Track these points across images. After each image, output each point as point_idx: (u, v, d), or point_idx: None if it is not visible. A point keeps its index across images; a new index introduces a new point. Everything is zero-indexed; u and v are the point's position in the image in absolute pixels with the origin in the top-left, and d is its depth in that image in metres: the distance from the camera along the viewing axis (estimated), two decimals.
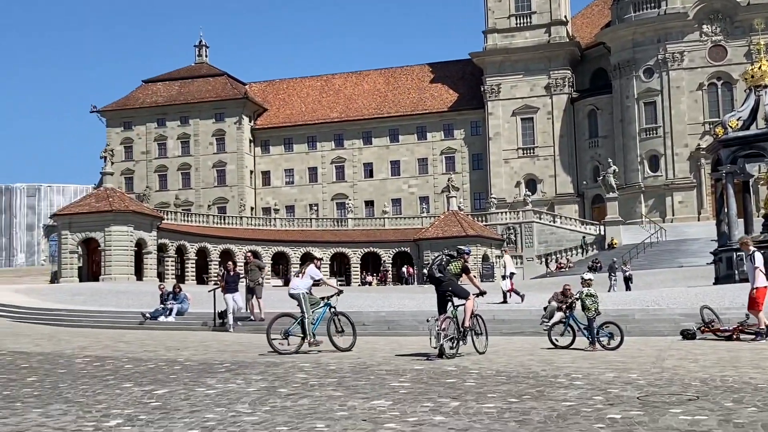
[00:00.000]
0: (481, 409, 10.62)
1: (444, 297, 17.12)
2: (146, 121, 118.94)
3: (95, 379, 15.03)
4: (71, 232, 68.68)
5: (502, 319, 22.61)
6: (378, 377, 14.13)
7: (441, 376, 13.89)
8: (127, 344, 22.82)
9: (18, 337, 25.33)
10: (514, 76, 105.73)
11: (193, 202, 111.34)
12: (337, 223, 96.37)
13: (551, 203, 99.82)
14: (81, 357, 19.02)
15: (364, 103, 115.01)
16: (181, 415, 11.20)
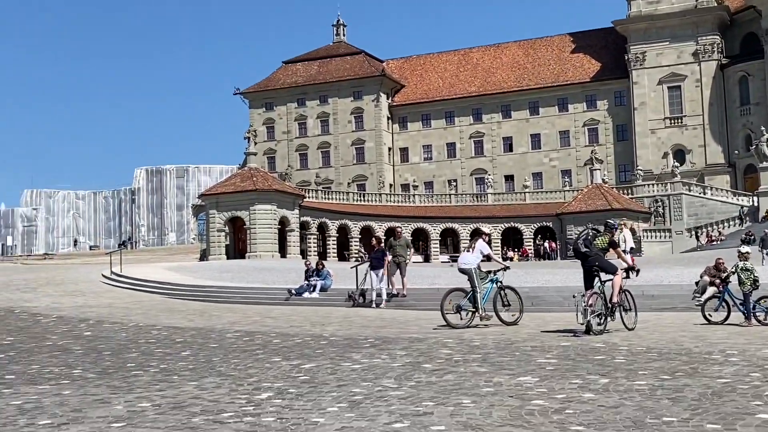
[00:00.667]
0: (632, 386, 10.54)
1: (591, 272, 16.97)
2: (287, 101, 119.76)
3: (245, 354, 15.50)
4: (218, 211, 70.41)
5: (652, 294, 22.15)
6: (524, 354, 14.13)
7: (589, 353, 13.80)
8: (274, 319, 23.50)
9: (172, 313, 26.34)
10: (660, 43, 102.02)
11: (333, 180, 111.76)
12: (476, 199, 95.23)
13: (701, 174, 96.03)
14: (231, 332, 19.57)
15: (503, 76, 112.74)
16: (328, 389, 11.50)
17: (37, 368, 14.64)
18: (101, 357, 15.73)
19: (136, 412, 10.20)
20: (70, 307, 27.68)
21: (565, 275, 29.38)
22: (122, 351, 16.41)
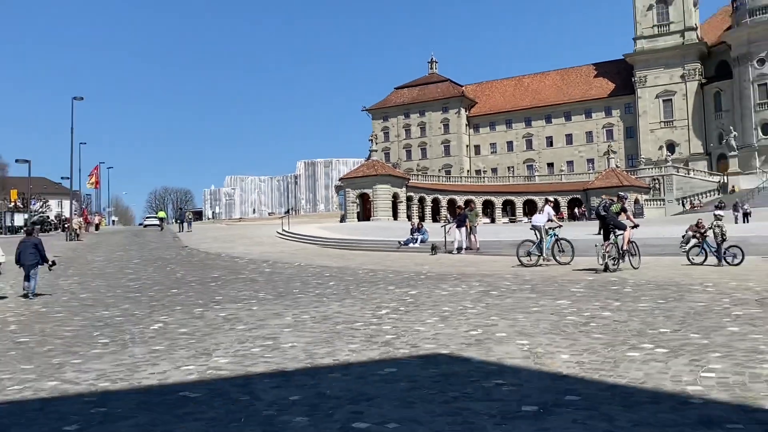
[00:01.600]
0: (636, 307, 10.88)
1: (608, 229, 17.60)
2: (397, 115, 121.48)
3: (371, 284, 16.03)
4: (352, 189, 72.01)
5: (651, 244, 22.10)
6: (561, 285, 14.43)
7: (606, 285, 14.05)
8: (390, 261, 23.55)
9: (321, 257, 26.55)
10: (657, 69, 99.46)
11: (428, 167, 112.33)
12: (527, 179, 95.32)
13: (686, 161, 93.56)
14: (361, 269, 20.03)
15: (546, 94, 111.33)
16: (426, 307, 12.03)
17: (235, 293, 15.43)
18: (276, 285, 16.47)
19: (300, 321, 10.87)
20: (256, 253, 28.55)
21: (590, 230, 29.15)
22: (290, 281, 17.11)
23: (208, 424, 5.68)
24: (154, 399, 6.51)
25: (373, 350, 8.34)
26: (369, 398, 6.19)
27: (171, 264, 23.75)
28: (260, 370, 7.56)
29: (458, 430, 5.28)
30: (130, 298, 14.88)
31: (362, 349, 8.42)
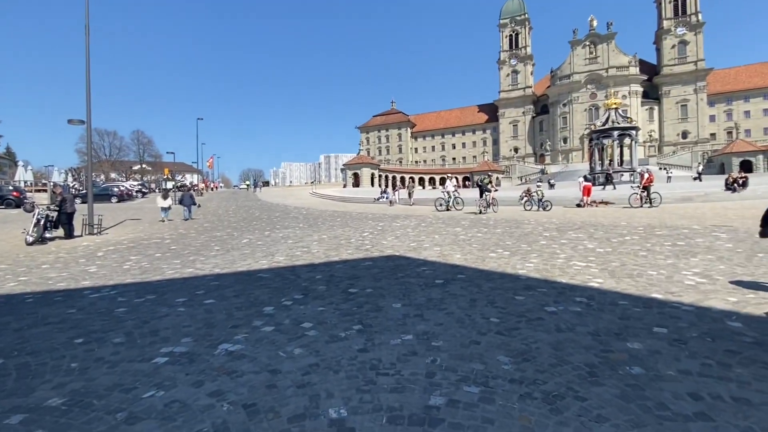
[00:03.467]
0: (495, 231, 11.04)
1: (482, 191, 17.53)
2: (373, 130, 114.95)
3: (358, 220, 15.69)
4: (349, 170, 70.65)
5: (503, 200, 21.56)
6: (457, 221, 14.37)
7: (479, 220, 14.07)
8: (369, 209, 22.38)
9: (332, 206, 25.48)
10: (510, 109, 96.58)
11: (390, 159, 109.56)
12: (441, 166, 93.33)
13: (524, 157, 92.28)
14: (354, 212, 19.40)
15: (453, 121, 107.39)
16: (388, 232, 12.01)
17: (286, 223, 15.30)
18: (308, 220, 16.31)
19: (320, 239, 10.87)
20: (297, 204, 28.30)
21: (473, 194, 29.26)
22: (316, 218, 16.93)
23: (273, 290, 5.80)
24: (243, 278, 6.59)
25: (359, 253, 8.47)
26: (357, 277, 6.35)
27: (252, 209, 23.50)
28: (300, 263, 7.65)
29: (403, 291, 5.47)
30: (231, 225, 14.81)
31: (354, 253, 8.54)
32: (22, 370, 3.37)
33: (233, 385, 3.09)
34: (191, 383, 3.12)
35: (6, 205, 25.11)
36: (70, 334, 4.16)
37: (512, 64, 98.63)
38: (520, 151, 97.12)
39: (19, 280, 6.78)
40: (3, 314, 4.89)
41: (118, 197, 31.44)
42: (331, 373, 3.23)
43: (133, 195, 36.59)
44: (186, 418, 2.66)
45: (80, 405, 2.82)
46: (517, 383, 3.04)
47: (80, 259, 8.67)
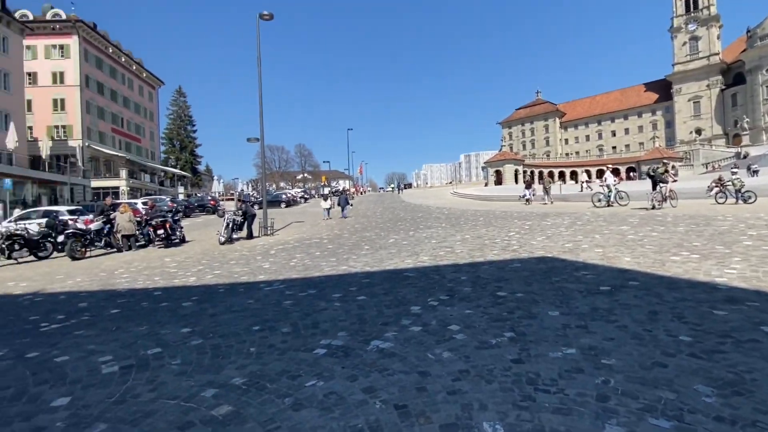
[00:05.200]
0: (676, 230, 9.49)
1: (655, 183, 15.00)
2: (517, 124, 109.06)
3: (503, 219, 15.13)
4: (491, 168, 68.40)
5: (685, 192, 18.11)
6: (622, 218, 12.72)
7: (653, 217, 12.24)
8: (514, 207, 20.94)
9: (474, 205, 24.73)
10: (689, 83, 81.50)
11: (536, 153, 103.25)
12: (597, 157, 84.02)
13: (710, 140, 76.49)
14: (497, 211, 18.68)
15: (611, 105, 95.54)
16: (537, 231, 11.22)
17: (429, 223, 15.24)
18: (450, 220, 16.13)
19: (464, 239, 10.63)
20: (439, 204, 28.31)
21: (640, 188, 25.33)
22: (458, 218, 16.68)
23: (419, 289, 5.82)
24: (391, 276, 6.79)
25: (506, 254, 8.01)
26: (505, 279, 5.97)
27: (396, 210, 24.48)
28: (445, 263, 7.57)
29: (560, 297, 4.93)
30: (378, 226, 15.61)
31: (500, 253, 8.12)
32: (215, 350, 3.99)
33: (385, 383, 3.12)
34: (346, 377, 3.25)
35: (206, 211, 31.18)
36: (249, 322, 4.80)
37: (690, 29, 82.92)
38: (705, 133, 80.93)
39: (214, 273, 8.22)
40: (202, 302, 5.95)
41: (286, 203, 36.23)
42: (483, 383, 3.02)
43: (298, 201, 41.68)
44: (342, 411, 2.76)
45: (256, 386, 3.18)
46: (728, 423, 2.38)
47: (257, 256, 10.12)
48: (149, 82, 58.17)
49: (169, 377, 3.42)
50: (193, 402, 2.98)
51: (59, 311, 5.85)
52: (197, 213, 30.78)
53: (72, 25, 42.42)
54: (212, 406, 2.91)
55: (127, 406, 2.98)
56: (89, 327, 4.98)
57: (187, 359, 3.79)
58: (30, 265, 10.86)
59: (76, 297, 6.75)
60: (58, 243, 12.01)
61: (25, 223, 15.59)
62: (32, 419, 2.86)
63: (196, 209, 31.19)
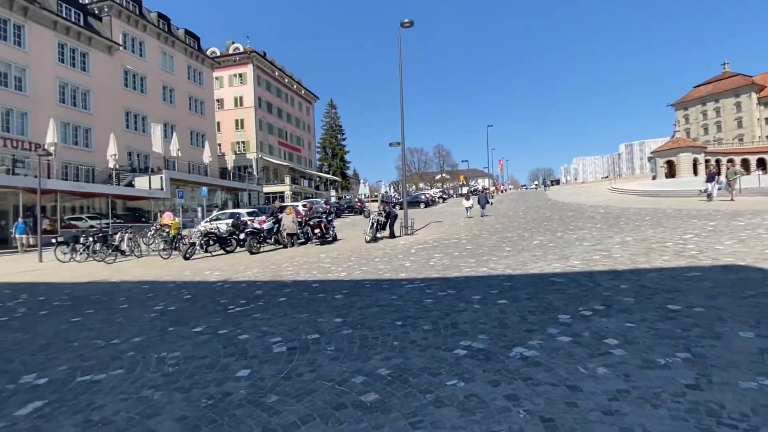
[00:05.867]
0: None
1: None
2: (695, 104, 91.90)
3: (676, 218, 13.00)
4: (660, 158, 58.78)
5: None
6: None
7: None
8: (691, 204, 17.87)
9: (638, 203, 21.75)
10: None
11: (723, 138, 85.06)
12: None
13: None
14: (669, 209, 16.18)
15: None
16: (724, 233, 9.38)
17: (581, 224, 13.92)
18: (607, 220, 14.49)
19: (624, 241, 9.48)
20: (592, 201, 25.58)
21: None
22: (617, 217, 14.79)
23: (568, 296, 5.39)
24: (535, 280, 6.42)
25: (680, 260, 6.85)
26: (678, 291, 5.12)
27: (542, 209, 22.92)
28: (599, 268, 6.84)
29: (756, 316, 4.04)
30: (521, 227, 14.86)
31: (672, 260, 6.97)
32: (363, 341, 4.34)
33: (529, 392, 2.98)
34: (488, 381, 3.20)
35: (354, 212, 33.91)
36: (393, 317, 5.08)
37: None
38: None
39: (362, 269, 8.89)
40: (351, 295, 6.50)
41: (425, 203, 37.10)
42: (648, 407, 2.65)
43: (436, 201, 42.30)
44: (484, 415, 2.73)
45: (400, 379, 3.36)
46: None
47: (399, 255, 10.60)
48: (307, 98, 65.88)
49: (325, 361, 3.84)
50: (345, 386, 3.30)
51: (241, 297, 7.05)
52: (346, 214, 33.69)
53: (248, 55, 50.60)
54: (361, 392, 3.17)
55: (292, 382, 3.45)
56: (263, 311, 5.89)
57: (339, 346, 4.21)
58: (220, 258, 13.32)
59: (253, 285, 8.04)
60: (240, 240, 14.48)
61: (217, 223, 19.18)
62: (222, 385, 3.52)
63: (346, 210, 34.20)
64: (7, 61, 25.06)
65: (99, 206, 27.54)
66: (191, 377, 3.73)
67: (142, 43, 34.73)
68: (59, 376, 3.97)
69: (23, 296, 8.57)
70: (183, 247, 13.89)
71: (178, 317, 5.97)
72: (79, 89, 29.39)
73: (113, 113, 31.54)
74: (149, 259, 14.05)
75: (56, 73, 27.87)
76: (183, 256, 13.26)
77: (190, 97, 39.71)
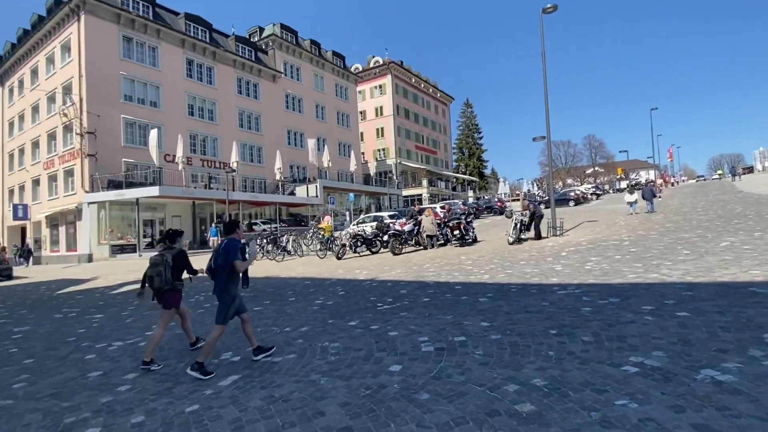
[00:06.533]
0: None
1: None
2: None
3: None
4: None
5: None
6: None
7: None
8: None
9: None
10: None
11: None
12: None
13: None
14: None
15: None
16: None
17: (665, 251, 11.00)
18: None
19: None
20: None
21: None
22: None
23: None
24: (727, 290, 5.33)
25: None
26: None
27: (729, 203, 18.83)
28: None
29: None
30: (701, 225, 12.47)
31: None
32: (513, 347, 4.16)
33: (727, 424, 2.48)
34: (669, 405, 2.77)
35: (494, 213, 32.84)
36: (546, 324, 4.75)
37: None
38: None
39: (506, 272, 8.54)
40: (497, 299, 6.29)
41: (574, 201, 33.92)
42: None
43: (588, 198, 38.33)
44: None
45: (558, 392, 3.12)
46: None
47: (547, 257, 9.89)
48: (442, 100, 66.52)
49: (474, 365, 3.80)
50: (497, 393, 3.21)
51: (388, 295, 7.44)
52: (485, 214, 32.86)
53: (386, 67, 53.36)
54: (515, 402, 3.04)
55: (442, 383, 3.49)
56: (409, 310, 6.11)
57: (488, 351, 4.11)
58: (367, 258, 14.27)
59: (398, 285, 8.40)
60: (384, 241, 15.32)
61: (363, 225, 20.64)
62: (378, 377, 3.76)
63: (485, 211, 33.35)
64: (202, 97, 31.08)
65: (269, 213, 32.13)
66: (350, 367, 4.07)
67: (299, 69, 39.46)
68: (248, 356, 4.74)
69: None
70: (335, 247, 15.29)
71: (335, 311, 6.58)
72: (253, 115, 34.79)
73: (278, 133, 36.51)
74: (309, 258, 15.84)
75: (236, 103, 33.48)
76: (336, 256, 14.61)
77: (337, 112, 43.64)
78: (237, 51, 34.09)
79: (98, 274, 16.43)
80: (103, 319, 7.87)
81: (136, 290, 5.24)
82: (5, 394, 4.24)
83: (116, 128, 25.69)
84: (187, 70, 30.33)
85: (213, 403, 3.56)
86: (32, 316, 8.81)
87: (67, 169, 26.28)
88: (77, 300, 10.61)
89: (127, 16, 26.65)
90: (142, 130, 26.97)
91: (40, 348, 6.06)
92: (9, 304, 11.02)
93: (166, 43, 28.97)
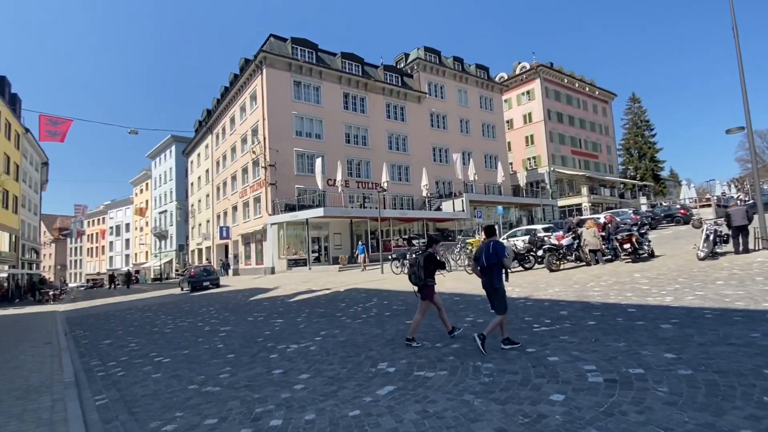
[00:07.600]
0: None
1: None
2: None
3: None
4: None
5: None
6: None
7: None
8: None
9: None
10: None
11: None
12: None
13: None
14: None
15: None
16: None
17: None
18: None
19: None
20: None
21: None
22: None
23: None
24: None
25: None
26: None
27: None
28: None
29: None
30: None
31: None
32: (711, 388, 3.42)
33: None
34: None
35: (676, 222, 27.76)
36: (757, 361, 3.79)
37: None
38: None
39: (696, 294, 7.11)
40: (685, 326, 5.27)
41: None
42: None
43: None
44: None
45: None
46: None
47: (756, 276, 7.92)
48: (602, 98, 59.85)
49: (656, 403, 3.24)
50: None
51: (545, 316, 6.89)
52: (664, 224, 28.05)
53: (534, 71, 50.64)
54: None
55: (615, 420, 3.06)
56: (571, 334, 5.55)
57: (675, 389, 3.46)
58: (518, 274, 13.52)
59: (557, 305, 7.73)
60: (538, 256, 14.32)
61: (513, 240, 19.67)
62: (536, 405, 3.49)
63: (663, 220, 28.47)
64: (356, 125, 34.17)
65: (417, 228, 33.21)
66: (505, 390, 3.88)
67: (442, 87, 40.30)
68: (402, 368, 4.92)
69: (374, 299, 11.18)
70: None
71: None
72: (400, 136, 36.74)
73: (424, 151, 37.73)
74: (457, 274, 15.77)
75: (386, 127, 35.86)
76: None
77: (482, 124, 43.00)
78: (385, 79, 36.63)
79: (279, 284, 19.18)
80: (282, 323, 9.12)
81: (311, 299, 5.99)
82: (214, 382, 5.23)
83: (290, 160, 30.03)
84: (344, 103, 33.82)
85: (372, 410, 3.78)
86: (233, 318, 10.73)
87: (255, 197, 31.71)
88: (263, 306, 12.54)
89: (297, 63, 31.16)
90: (310, 160, 30.96)
91: (238, 345, 7.33)
92: (217, 307, 13.64)
93: (327, 81, 32.88)
